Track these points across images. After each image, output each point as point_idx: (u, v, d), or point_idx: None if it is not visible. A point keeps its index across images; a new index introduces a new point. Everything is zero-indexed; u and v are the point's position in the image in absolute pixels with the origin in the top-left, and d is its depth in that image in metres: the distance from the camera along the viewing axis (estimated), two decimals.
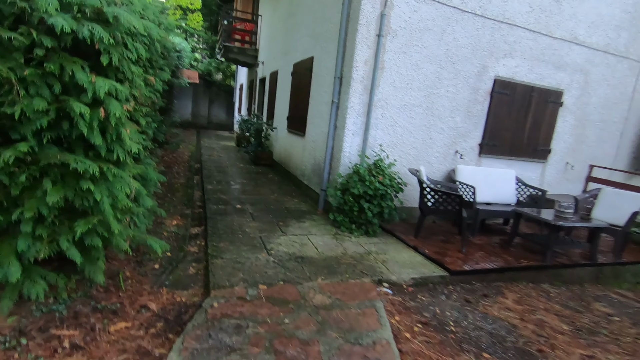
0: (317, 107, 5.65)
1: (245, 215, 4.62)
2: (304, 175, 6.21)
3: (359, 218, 4.36)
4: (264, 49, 10.65)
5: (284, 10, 8.14)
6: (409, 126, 4.95)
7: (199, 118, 17.70)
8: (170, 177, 6.52)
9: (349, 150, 4.72)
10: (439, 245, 4.29)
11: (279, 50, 8.47)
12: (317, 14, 5.89)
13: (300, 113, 6.48)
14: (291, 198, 5.82)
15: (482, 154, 5.53)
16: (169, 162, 7.84)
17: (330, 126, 4.89)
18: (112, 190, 2.14)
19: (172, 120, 9.82)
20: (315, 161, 5.65)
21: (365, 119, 4.68)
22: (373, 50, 4.51)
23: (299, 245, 3.82)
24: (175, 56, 10.42)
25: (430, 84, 4.92)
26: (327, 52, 5.32)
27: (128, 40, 2.12)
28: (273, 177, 7.46)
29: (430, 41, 4.76)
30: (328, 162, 4.99)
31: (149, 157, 4.09)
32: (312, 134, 5.85)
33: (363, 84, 4.57)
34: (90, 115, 1.91)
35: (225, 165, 8.27)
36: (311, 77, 5.96)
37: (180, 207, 4.82)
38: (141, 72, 2.81)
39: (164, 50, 4.93)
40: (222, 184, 6.32)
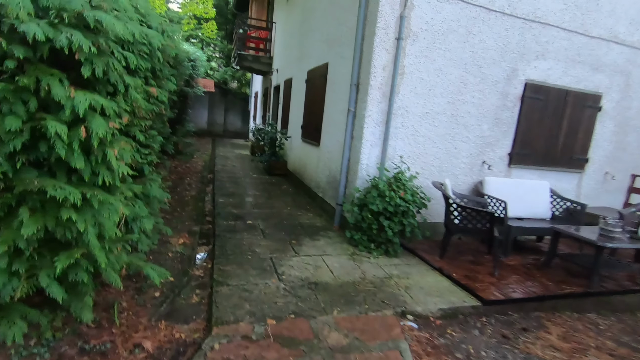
0: (333, 115, 5.35)
1: (256, 233, 4.34)
2: (318, 187, 5.90)
3: (378, 236, 4.01)
4: (278, 56, 10.47)
5: (298, 17, 7.93)
6: (431, 135, 4.58)
7: (215, 126, 17.72)
8: (181, 188, 6.34)
9: (367, 162, 4.38)
10: (467, 266, 3.88)
11: (293, 57, 8.24)
12: (331, 18, 5.62)
13: (314, 122, 6.20)
14: (305, 212, 5.51)
15: (512, 164, 5.08)
16: (182, 173, 7.69)
17: (347, 136, 4.58)
18: (99, 219, 1.88)
19: (186, 129, 9.73)
20: (331, 173, 5.33)
21: (384, 129, 4.34)
22: (392, 54, 4.18)
23: (313, 267, 3.49)
24: (190, 65, 10.38)
25: (454, 90, 4.54)
26: (343, 57, 5.02)
27: (115, 48, 1.87)
28: (287, 188, 7.18)
29: (455, 43, 4.40)
30: (344, 174, 4.67)
31: (154, 172, 3.87)
32: (327, 144, 5.54)
33: (381, 91, 4.24)
34: (70, 135, 1.66)
35: (239, 175, 8.06)
36: (326, 84, 5.68)
37: (188, 223, 4.58)
38: (140, 84, 2.58)
39: (171, 59, 4.74)
40: (234, 196, 6.08)
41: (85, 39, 1.62)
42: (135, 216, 2.54)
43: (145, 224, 2.60)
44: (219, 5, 18.23)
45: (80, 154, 1.72)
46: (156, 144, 3.82)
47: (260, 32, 11.61)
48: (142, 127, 2.88)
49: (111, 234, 1.92)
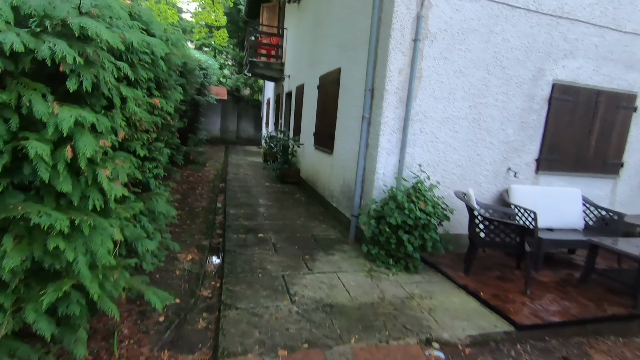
0: (346, 122, 5.12)
1: (267, 247, 4.13)
2: (332, 196, 5.67)
3: (397, 251, 3.74)
4: (289, 62, 10.34)
5: (309, 22, 7.77)
6: (452, 142, 4.30)
7: (228, 134, 17.75)
8: (192, 199, 6.22)
9: (384, 171, 4.13)
10: (495, 284, 3.57)
11: (305, 63, 8.08)
12: (344, 21, 5.42)
13: (327, 129, 5.99)
14: (319, 223, 5.29)
15: (540, 170, 4.73)
16: (194, 183, 7.59)
17: (361, 144, 4.34)
18: (90, 246, 1.70)
19: (198, 138, 9.68)
20: (345, 182, 5.10)
21: (401, 136, 4.09)
22: (409, 57, 3.93)
23: (328, 287, 3.25)
24: (201, 74, 10.35)
25: (476, 93, 4.25)
26: (356, 62, 4.80)
27: (106, 58, 1.70)
28: (300, 197, 6.97)
29: (476, 43, 4.12)
30: (359, 184, 4.42)
31: (161, 185, 3.73)
32: (341, 152, 5.31)
33: (398, 96, 4.00)
34: (55, 155, 1.49)
35: (251, 184, 7.90)
36: (338, 89, 5.46)
37: (198, 237, 4.42)
38: (140, 95, 2.42)
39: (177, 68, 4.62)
40: (245, 207, 5.91)
41: (70, 48, 1.45)
42: (137, 237, 2.36)
43: (147, 245, 2.42)
44: (231, 13, 18.34)
45: (67, 176, 1.55)
46: (163, 156, 3.67)
47: (272, 38, 11.53)
48: (145, 141, 2.71)
49: (104, 261, 1.74)
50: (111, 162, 1.78)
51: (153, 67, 2.84)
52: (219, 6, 10.33)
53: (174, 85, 3.60)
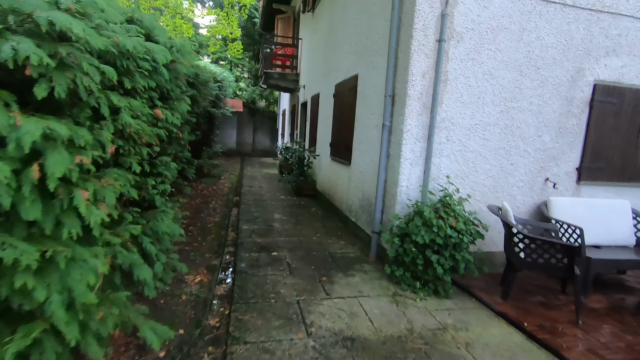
0: (364, 131, 4.81)
1: (281, 267, 3.82)
2: (350, 210, 5.33)
3: (425, 273, 3.35)
4: (304, 72, 10.18)
5: (324, 30, 7.57)
6: (482, 150, 3.91)
7: (244, 146, 17.73)
8: (205, 213, 6.00)
9: (407, 184, 3.77)
10: (539, 311, 3.12)
11: (320, 72, 7.86)
12: (360, 26, 5.16)
13: (344, 139, 5.69)
14: (337, 239, 4.94)
15: (582, 180, 4.26)
16: (208, 196, 7.41)
17: (382, 154, 4.01)
18: (68, 281, 1.43)
19: (212, 151, 9.56)
20: (364, 195, 4.76)
21: (426, 145, 3.74)
22: (433, 59, 3.61)
23: (348, 315, 2.90)
24: (216, 86, 10.31)
25: (508, 96, 3.87)
26: (374, 67, 4.51)
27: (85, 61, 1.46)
28: (316, 211, 6.66)
29: (507, 42, 3.76)
30: (380, 198, 4.08)
31: (168, 202, 3.49)
32: (359, 163, 4.99)
33: (422, 102, 3.67)
34: (21, 176, 1.24)
35: (265, 197, 7.65)
36: (356, 97, 5.18)
37: (208, 256, 4.16)
38: (139, 105, 2.19)
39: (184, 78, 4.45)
40: (259, 222, 5.64)
41: (37, 48, 1.21)
42: (133, 263, 2.09)
43: (143, 274, 2.15)
44: (246, 27, 18.53)
45: (36, 200, 1.30)
46: (170, 171, 3.44)
47: (286, 49, 11.43)
48: (145, 155, 2.48)
49: (84, 300, 1.46)
50: (94, 182, 1.53)
51: (156, 75, 2.63)
52: (233, 19, 10.32)
53: (181, 95, 3.39)
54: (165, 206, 3.45)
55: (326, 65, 7.27)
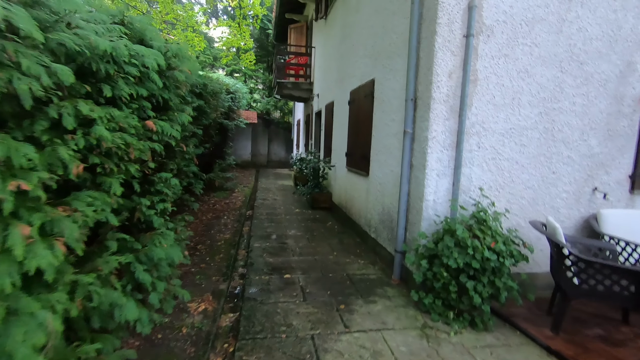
0: (383, 140, 4.42)
1: (294, 293, 3.44)
2: (369, 225, 4.91)
3: (459, 302, 2.90)
4: (318, 80, 9.91)
5: (337, 36, 7.28)
6: (519, 158, 3.45)
7: (259, 157, 17.58)
8: (216, 230, 5.70)
9: (434, 197, 3.34)
10: (600, 348, 2.60)
11: (334, 79, 7.55)
12: (375, 27, 4.82)
13: (361, 148, 5.31)
14: (355, 258, 4.52)
15: (636, 189, 3.72)
16: (220, 211, 7.13)
17: (404, 164, 3.60)
18: (6, 343, 1.10)
19: (226, 164, 9.35)
20: (384, 210, 4.34)
21: (454, 153, 3.31)
22: (460, 57, 3.21)
23: (371, 354, 2.47)
24: (229, 98, 10.16)
25: (547, 96, 3.41)
26: (392, 70, 4.14)
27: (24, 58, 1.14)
28: (332, 225, 6.26)
29: (544, 36, 3.32)
30: (403, 213, 3.65)
31: (169, 222, 3.18)
32: (378, 174, 4.59)
33: (448, 105, 3.26)
34: None
35: (279, 211, 7.32)
36: (373, 103, 4.80)
37: (216, 279, 3.82)
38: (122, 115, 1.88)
39: (197, 89, 4.19)
40: (272, 239, 5.29)
41: None
42: (113, 302, 1.76)
43: (128, 313, 1.81)
44: (260, 39, 18.58)
45: None
46: (171, 188, 3.14)
47: (300, 58, 11.23)
48: (135, 173, 2.17)
49: None
50: (46, 212, 1.21)
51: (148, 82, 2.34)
52: (244, 29, 10.20)
53: (181, 106, 3.10)
54: (166, 227, 3.15)
55: (340, 71, 6.95)
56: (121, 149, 1.96)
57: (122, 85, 1.88)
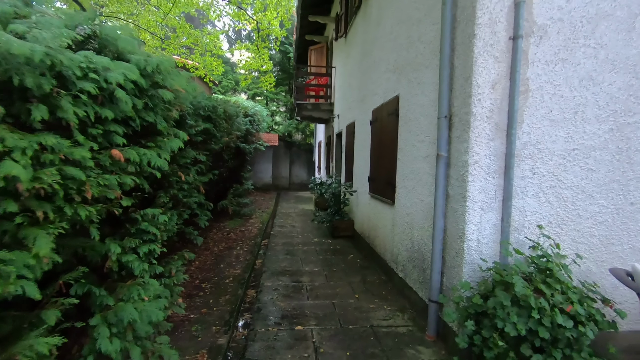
0: (410, 164, 3.82)
1: (305, 353, 2.81)
2: (396, 262, 4.24)
3: None
4: (338, 101, 9.50)
5: (358, 53, 6.86)
6: (585, 186, 2.75)
7: (280, 180, 17.23)
8: (226, 264, 5.19)
9: (478, 236, 2.68)
10: None
11: (355, 99, 7.08)
12: (399, 39, 4.32)
13: (385, 173, 4.72)
14: (380, 302, 3.85)
15: None
16: (233, 240, 6.66)
17: (438, 194, 2.97)
18: None
19: (242, 189, 8.97)
20: (414, 246, 3.68)
21: (502, 181, 2.67)
22: (506, 63, 2.62)
23: None
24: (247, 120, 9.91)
25: (619, 109, 2.73)
26: (420, 84, 3.59)
27: None
28: (354, 258, 5.60)
29: (612, 35, 2.68)
30: (438, 253, 3.00)
31: (157, 266, 2.69)
32: (405, 203, 3.96)
33: (493, 122, 2.65)
34: None
35: (297, 241, 6.75)
36: (397, 123, 4.25)
37: (215, 330, 3.26)
38: (62, 144, 1.43)
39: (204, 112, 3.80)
40: (286, 275, 4.71)
41: None
42: None
43: None
44: (282, 62, 18.66)
45: None
46: (159, 226, 2.67)
47: (320, 79, 10.93)
48: (93, 215, 1.69)
49: None
50: None
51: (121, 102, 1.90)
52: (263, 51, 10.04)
53: (171, 130, 2.67)
54: (153, 272, 2.66)
55: (361, 90, 6.48)
56: (69, 187, 1.49)
57: (66, 106, 1.43)
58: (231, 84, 18.18)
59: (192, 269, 4.91)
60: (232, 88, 18.50)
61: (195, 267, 5.00)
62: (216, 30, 8.90)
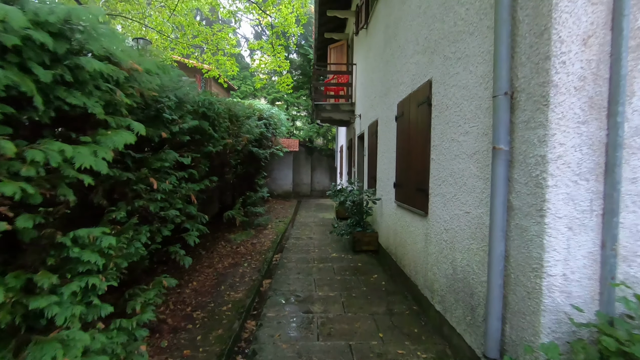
0: (449, 164, 2.94)
1: None
2: (431, 290, 3.33)
3: None
4: (360, 100, 8.68)
5: (380, 41, 6.04)
6: None
7: (301, 187, 16.53)
8: (227, 285, 4.46)
9: (564, 269, 1.77)
10: None
11: (378, 93, 6.24)
12: (430, 10, 3.47)
13: (414, 177, 3.85)
14: (412, 345, 2.95)
15: None
16: (243, 255, 5.94)
17: (495, 204, 2.08)
18: None
19: (257, 197, 8.28)
20: (456, 272, 2.78)
21: (601, 186, 1.75)
22: (605, 5, 1.72)
23: None
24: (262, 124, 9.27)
25: None
26: (460, 58, 2.72)
27: None
28: (378, 280, 4.71)
29: None
30: (496, 289, 2.09)
31: (103, 306, 1.97)
32: (443, 215, 3.07)
33: (585, 96, 1.74)
34: None
35: (312, 257, 5.94)
36: (430, 113, 3.38)
37: None
38: None
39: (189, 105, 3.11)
40: (295, 303, 3.91)
41: None
42: None
43: None
44: (302, 65, 18.12)
45: None
46: (103, 252, 1.95)
47: (340, 78, 10.15)
48: None
49: None
50: None
51: None
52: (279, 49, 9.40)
53: (121, 121, 1.95)
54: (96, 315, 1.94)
55: (384, 83, 5.64)
56: None
57: None
58: (250, 89, 17.79)
59: (188, 291, 4.20)
60: (252, 93, 18.11)
61: (192, 289, 4.29)
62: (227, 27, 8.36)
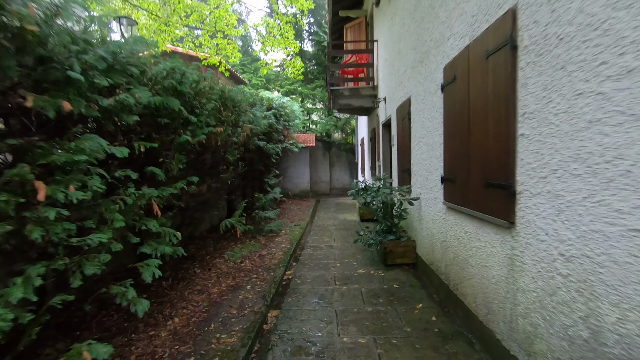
0: (569, 140, 1.64)
1: None
2: (527, 348, 2.04)
3: None
4: (383, 80, 7.37)
5: (410, 3, 4.72)
6: None
7: (319, 185, 15.32)
8: (218, 324, 3.32)
9: None
10: None
11: (408, 65, 4.94)
12: None
13: (482, 165, 2.55)
14: None
15: None
16: (246, 272, 4.80)
17: None
18: None
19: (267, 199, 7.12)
20: (597, 339, 1.48)
21: None
22: None
23: None
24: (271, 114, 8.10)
25: None
26: None
27: None
28: (424, 312, 3.43)
29: None
30: None
31: None
32: (557, 228, 1.77)
33: None
34: None
35: (332, 274, 4.71)
36: (514, 61, 2.08)
37: None
38: None
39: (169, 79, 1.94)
40: (306, 351, 2.70)
41: None
42: None
43: None
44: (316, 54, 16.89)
45: None
46: None
47: (359, 58, 8.84)
48: None
49: None
50: None
51: None
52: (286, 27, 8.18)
53: None
54: None
55: (418, 47, 4.33)
56: None
57: None
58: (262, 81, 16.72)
59: (163, 334, 3.07)
60: (263, 86, 17.04)
61: (170, 330, 3.16)
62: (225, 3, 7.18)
